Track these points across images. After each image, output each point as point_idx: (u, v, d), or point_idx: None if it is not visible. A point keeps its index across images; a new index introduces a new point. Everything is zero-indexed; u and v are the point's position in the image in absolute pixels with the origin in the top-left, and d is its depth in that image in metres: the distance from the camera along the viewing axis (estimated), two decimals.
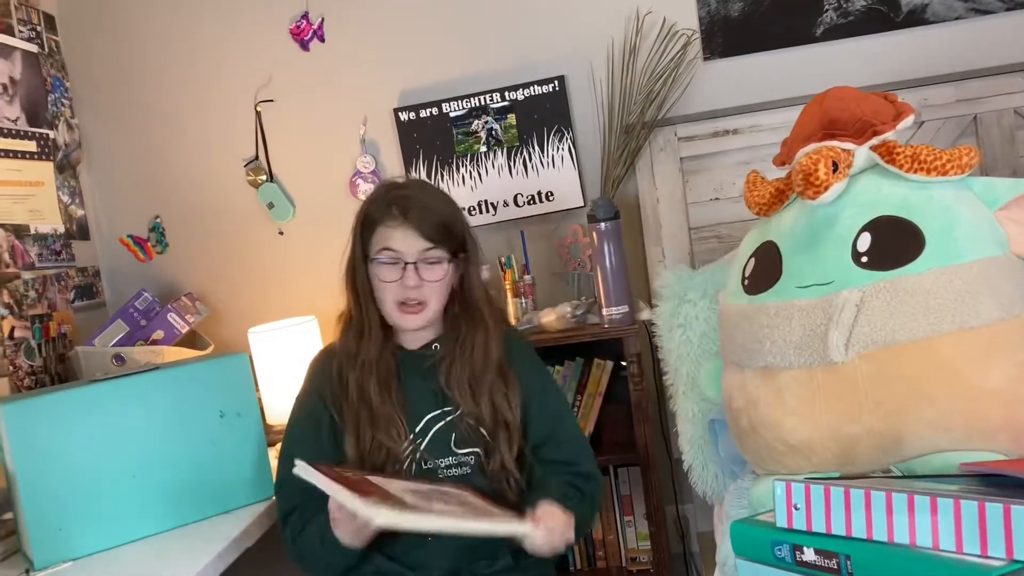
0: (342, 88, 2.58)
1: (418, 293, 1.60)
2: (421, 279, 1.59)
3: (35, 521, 1.60)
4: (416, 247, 1.59)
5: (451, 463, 1.62)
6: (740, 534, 1.18)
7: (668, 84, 2.36)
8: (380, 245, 1.60)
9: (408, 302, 1.61)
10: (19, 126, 2.40)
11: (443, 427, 1.63)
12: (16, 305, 2.29)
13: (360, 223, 1.64)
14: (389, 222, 1.59)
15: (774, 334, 1.51)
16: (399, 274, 1.59)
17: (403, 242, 1.59)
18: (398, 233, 1.59)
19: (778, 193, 1.63)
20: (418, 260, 1.59)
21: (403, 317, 1.62)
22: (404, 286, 1.59)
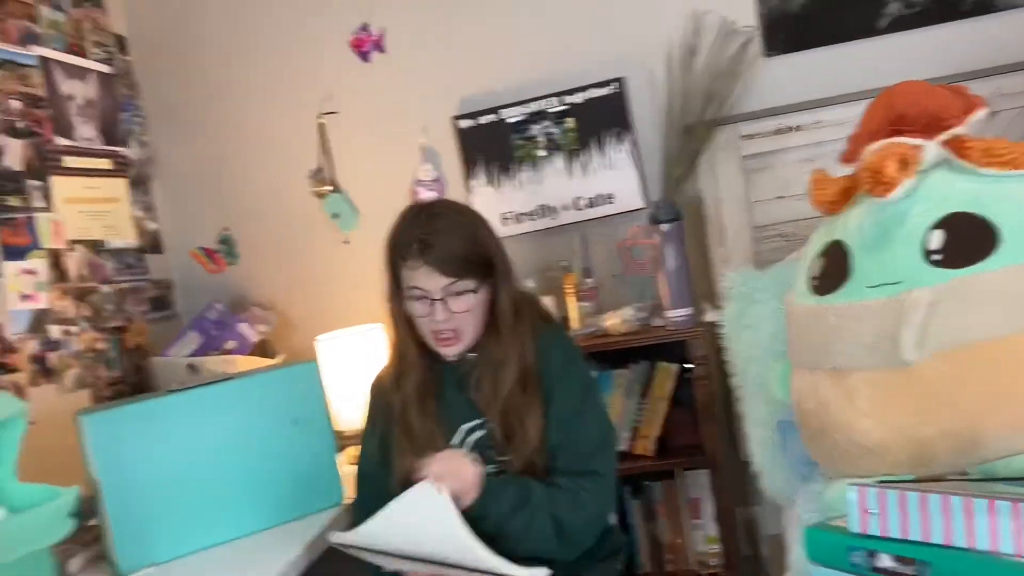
0: (402, 97, 2.61)
1: (449, 325, 1.61)
2: (450, 312, 1.60)
3: (119, 527, 1.66)
4: (440, 284, 1.59)
5: (490, 471, 1.61)
6: (814, 539, 1.16)
7: (729, 82, 2.33)
8: (407, 282, 1.61)
9: (440, 334, 1.62)
10: (95, 145, 2.49)
11: (482, 437, 1.65)
12: (95, 318, 2.37)
13: (389, 258, 1.65)
14: (411, 262, 1.59)
15: (844, 335, 1.49)
16: (428, 309, 1.60)
17: (427, 280, 1.59)
18: (420, 273, 1.59)
19: (845, 191, 1.60)
20: (444, 295, 1.59)
21: (441, 347, 1.65)
22: (434, 320, 1.60)
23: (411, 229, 1.62)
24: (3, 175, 2.11)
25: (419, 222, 1.64)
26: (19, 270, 2.12)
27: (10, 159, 2.14)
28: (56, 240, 2.26)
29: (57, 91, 2.36)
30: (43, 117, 2.28)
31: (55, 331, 2.21)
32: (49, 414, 2.05)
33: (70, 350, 2.25)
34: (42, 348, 2.15)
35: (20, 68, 2.22)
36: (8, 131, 2.15)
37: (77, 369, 2.26)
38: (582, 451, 1.63)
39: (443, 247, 1.59)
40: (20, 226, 2.14)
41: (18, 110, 2.19)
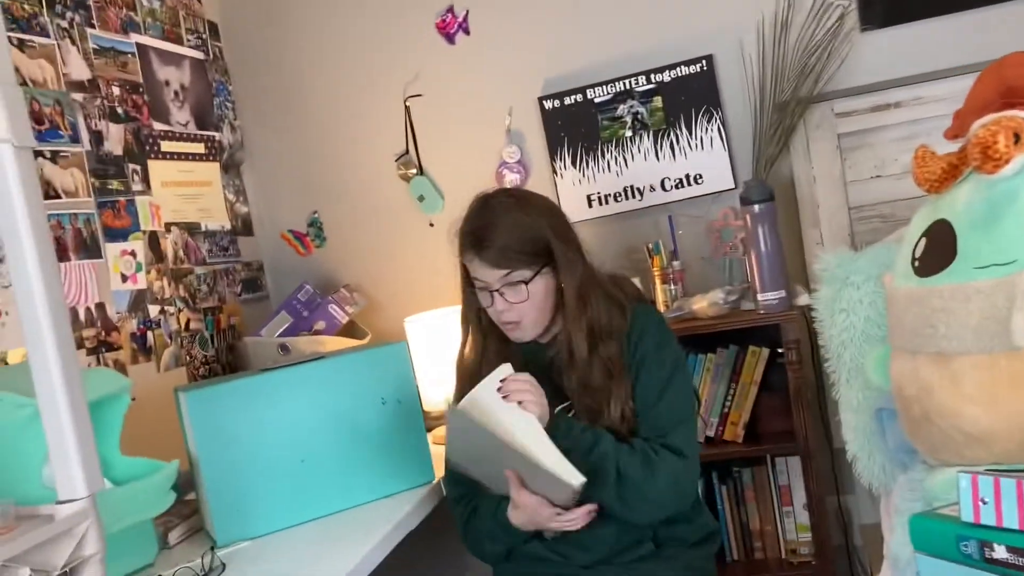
0: (487, 79, 2.61)
1: (510, 315, 1.64)
2: (507, 302, 1.63)
3: (217, 502, 1.71)
4: (494, 276, 1.62)
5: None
6: (921, 528, 1.12)
7: (823, 58, 2.27)
8: (471, 274, 1.67)
9: (505, 323, 1.66)
10: (189, 129, 2.55)
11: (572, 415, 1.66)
12: (191, 298, 2.44)
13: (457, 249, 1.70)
14: (467, 256, 1.65)
15: (949, 318, 1.43)
16: (489, 300, 1.65)
17: (482, 272, 1.63)
18: (475, 265, 1.64)
19: (951, 168, 1.53)
20: (500, 286, 1.62)
21: (510, 334, 1.69)
22: (495, 310, 1.65)
23: (466, 223, 1.68)
24: (105, 159, 2.18)
25: (473, 215, 1.68)
26: (120, 251, 2.19)
27: (111, 144, 2.21)
28: (154, 223, 2.33)
29: (154, 77, 2.42)
30: (141, 103, 2.35)
31: (153, 311, 2.28)
32: (147, 391, 2.12)
33: (167, 329, 2.32)
34: (141, 327, 2.23)
35: (120, 55, 2.29)
36: (110, 116, 2.22)
37: (173, 348, 2.34)
38: (662, 423, 1.63)
39: (493, 240, 1.62)
40: (121, 209, 2.21)
41: (118, 96, 2.26)
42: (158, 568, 1.62)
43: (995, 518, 1.01)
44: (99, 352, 2.08)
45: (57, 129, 2.03)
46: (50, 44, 2.05)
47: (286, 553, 1.64)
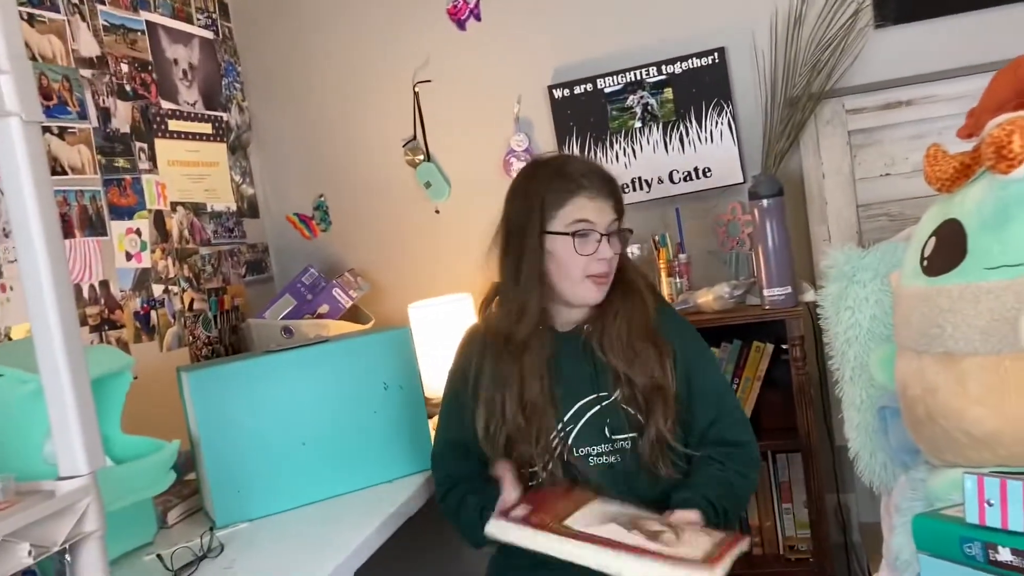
0: (497, 67, 2.60)
1: (608, 265, 1.58)
2: (612, 250, 1.58)
3: (217, 483, 1.71)
4: (608, 219, 1.58)
5: (603, 450, 1.58)
6: (924, 528, 1.12)
7: (836, 54, 2.25)
8: (574, 217, 1.56)
9: (599, 276, 1.58)
10: (197, 109, 2.54)
11: (598, 412, 1.60)
12: (195, 279, 2.44)
13: (540, 198, 1.57)
14: (586, 194, 1.56)
15: (957, 318, 1.42)
16: (595, 246, 1.56)
17: (599, 214, 1.57)
18: (594, 205, 1.56)
19: (963, 167, 1.52)
20: (609, 232, 1.58)
21: (592, 288, 1.58)
22: (598, 259, 1.56)
23: (583, 162, 1.65)
24: (112, 136, 2.17)
25: (576, 161, 1.67)
26: (125, 230, 2.18)
27: (119, 121, 2.20)
28: (160, 202, 2.32)
29: (163, 55, 2.41)
30: (149, 81, 2.34)
31: (157, 290, 2.28)
32: (149, 370, 2.12)
33: (171, 309, 2.32)
34: (145, 306, 2.22)
35: (130, 33, 2.28)
36: (117, 93, 2.21)
37: (176, 328, 2.33)
38: (736, 422, 1.63)
39: (611, 182, 1.60)
40: (127, 187, 2.21)
41: (126, 73, 2.25)
42: (157, 547, 1.62)
43: (1001, 520, 1.00)
44: (102, 330, 2.07)
45: (65, 105, 2.03)
46: (60, 19, 2.04)
47: (285, 536, 1.64)
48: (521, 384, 1.58)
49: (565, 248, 1.56)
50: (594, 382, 1.60)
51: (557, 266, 1.58)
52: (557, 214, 1.56)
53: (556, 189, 1.57)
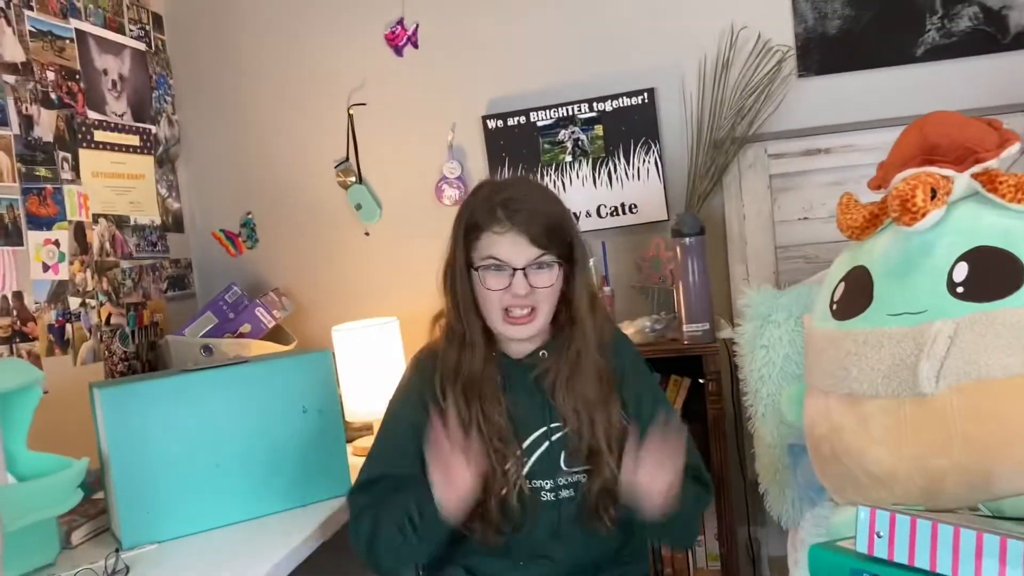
0: (433, 94, 2.61)
1: (528, 300, 1.51)
2: (531, 286, 1.50)
3: (125, 503, 1.67)
4: (525, 254, 1.50)
5: (560, 484, 1.55)
6: (818, 559, 1.16)
7: (760, 100, 2.33)
8: (486, 252, 1.51)
9: (515, 310, 1.52)
10: (125, 120, 2.50)
11: (553, 443, 1.56)
12: (114, 292, 2.39)
13: (463, 228, 1.54)
14: (496, 228, 1.50)
15: (861, 361, 1.48)
16: (507, 281, 1.50)
17: (511, 249, 1.50)
18: (505, 240, 1.49)
19: (872, 217, 1.59)
20: (527, 266, 1.50)
21: (510, 328, 1.54)
22: (513, 294, 1.50)
23: (497, 194, 1.53)
24: (34, 145, 2.13)
25: (506, 189, 1.56)
26: (43, 240, 2.13)
27: (42, 130, 2.15)
28: (81, 213, 2.27)
29: (91, 65, 2.37)
30: (76, 90, 2.30)
31: (74, 303, 2.22)
32: (61, 385, 2.06)
33: (87, 323, 2.26)
34: (60, 319, 2.17)
35: (58, 40, 2.24)
36: (42, 101, 2.16)
37: (92, 342, 2.28)
38: (693, 455, 1.58)
39: (532, 213, 1.50)
40: (47, 196, 2.15)
41: (52, 81, 2.21)
42: (59, 568, 1.58)
43: (888, 552, 1.05)
44: (12, 342, 2.01)
45: None
46: None
47: (193, 559, 1.61)
48: (473, 420, 1.52)
49: (478, 282, 1.53)
50: (545, 412, 1.57)
51: (479, 300, 1.54)
52: (475, 247, 1.53)
53: (473, 222, 1.53)
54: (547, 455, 1.55)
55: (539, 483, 1.55)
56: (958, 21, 2.26)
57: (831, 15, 2.33)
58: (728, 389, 2.27)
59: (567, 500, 1.55)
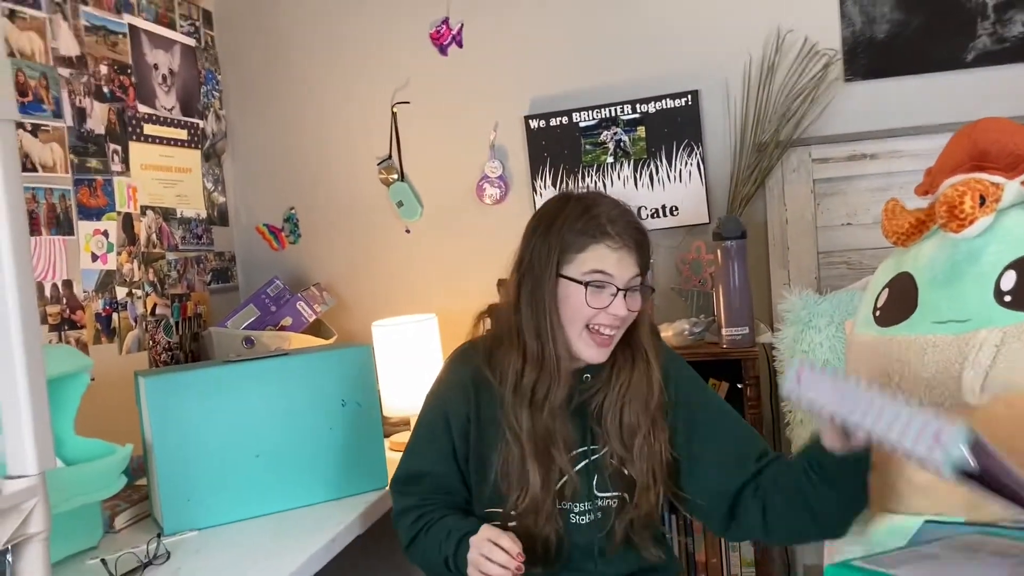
0: (476, 93, 2.63)
1: (621, 323, 1.46)
2: (627, 309, 1.45)
3: (167, 490, 1.70)
4: (629, 273, 1.45)
5: (586, 508, 1.52)
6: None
7: (806, 104, 2.31)
8: (591, 267, 1.43)
9: (605, 330, 1.45)
10: (174, 115, 2.55)
11: (587, 466, 1.52)
12: (159, 283, 2.43)
13: (560, 237, 1.45)
14: (609, 242, 1.43)
15: (904, 369, 1.47)
16: (608, 300, 1.44)
17: (619, 266, 1.44)
18: (615, 256, 1.43)
19: (918, 223, 1.58)
20: (628, 287, 1.45)
21: (590, 348, 1.47)
22: (609, 313, 1.44)
23: (615, 208, 1.47)
24: (86, 137, 2.17)
25: (605, 203, 1.48)
26: (93, 230, 2.17)
27: (94, 122, 2.20)
28: (130, 205, 2.32)
29: (143, 59, 2.42)
30: (127, 84, 2.34)
31: (120, 293, 2.26)
32: (107, 373, 2.11)
33: (133, 312, 2.31)
34: (107, 308, 2.21)
35: (111, 35, 2.28)
36: (95, 94, 2.21)
37: (137, 332, 2.32)
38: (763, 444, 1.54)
39: (639, 234, 1.47)
40: (98, 188, 2.20)
41: (105, 75, 2.25)
42: (101, 552, 1.61)
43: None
44: (62, 329, 2.06)
45: (40, 103, 2.02)
46: (41, 17, 2.04)
47: (232, 547, 1.64)
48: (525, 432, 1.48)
49: (576, 296, 1.44)
50: (584, 434, 1.53)
51: (564, 312, 1.46)
52: (576, 258, 1.45)
53: (578, 231, 1.44)
54: (580, 477, 1.51)
55: (568, 505, 1.52)
56: (1010, 26, 2.23)
57: (879, 19, 2.30)
58: (767, 394, 2.26)
59: (594, 523, 1.52)
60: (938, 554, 1.22)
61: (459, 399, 1.56)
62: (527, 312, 1.48)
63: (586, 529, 1.52)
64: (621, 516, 1.51)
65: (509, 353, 1.51)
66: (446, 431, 1.56)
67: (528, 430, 1.48)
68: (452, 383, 1.59)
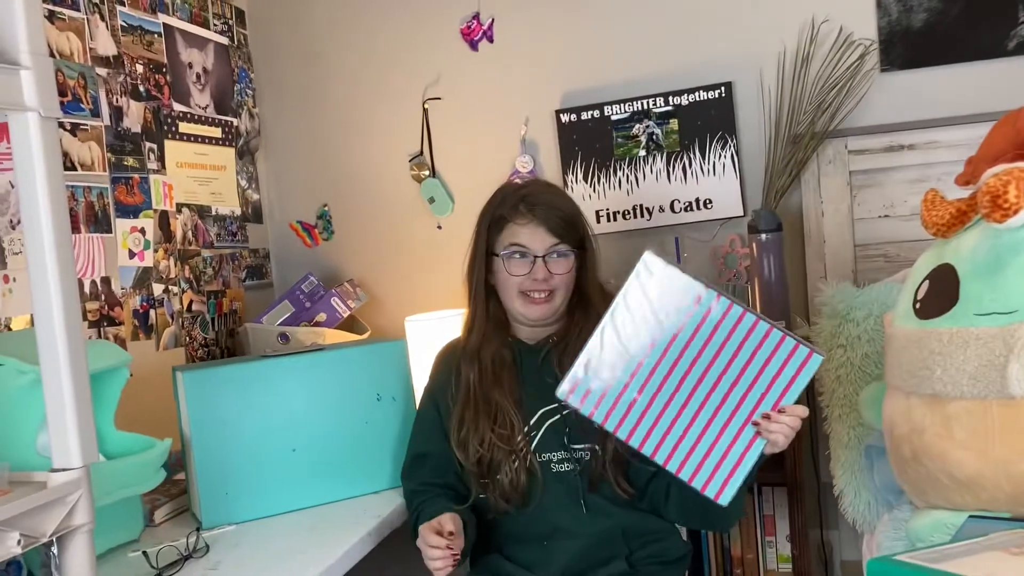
0: (506, 88, 2.62)
1: (546, 284, 1.68)
2: (549, 272, 1.68)
3: (205, 484, 1.72)
4: (544, 242, 1.68)
5: (563, 457, 1.66)
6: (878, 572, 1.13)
7: (841, 95, 2.28)
8: (508, 241, 1.70)
9: (533, 293, 1.68)
10: (208, 113, 2.57)
11: (557, 421, 1.67)
12: (195, 280, 2.46)
13: (487, 222, 1.74)
14: (519, 219, 1.69)
15: (946, 361, 1.45)
16: (528, 268, 1.68)
17: (531, 237, 1.68)
18: (526, 230, 1.68)
19: (959, 214, 1.55)
20: (546, 254, 1.68)
21: (528, 307, 1.70)
22: (532, 278, 1.67)
23: (518, 190, 1.74)
24: (123, 135, 2.20)
25: (531, 183, 1.81)
26: (130, 228, 2.20)
27: (130, 121, 2.23)
28: (166, 202, 2.34)
29: (177, 58, 2.44)
30: (163, 82, 2.37)
31: (157, 289, 2.29)
32: (145, 369, 2.13)
33: (169, 309, 2.33)
34: (144, 304, 2.24)
35: (147, 34, 2.31)
36: (131, 93, 2.23)
37: (174, 328, 2.35)
38: None
39: (550, 207, 1.70)
40: (134, 186, 2.23)
41: (141, 74, 2.28)
42: (142, 544, 1.63)
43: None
44: (101, 325, 2.09)
45: (79, 102, 2.05)
46: (80, 17, 2.07)
47: (270, 540, 1.65)
48: (485, 396, 1.69)
49: (502, 269, 1.70)
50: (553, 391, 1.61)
51: (499, 285, 1.73)
52: (498, 237, 1.72)
53: (500, 213, 1.72)
54: (554, 431, 1.67)
55: (548, 456, 1.67)
56: None
57: (916, 8, 2.27)
58: None
59: (575, 472, 1.65)
60: (982, 549, 1.20)
61: (443, 382, 1.77)
62: (471, 286, 1.77)
63: (566, 477, 1.65)
64: (594, 463, 1.65)
65: (471, 333, 1.77)
66: (437, 415, 1.77)
67: (475, 386, 1.70)
68: (438, 372, 1.83)
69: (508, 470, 1.65)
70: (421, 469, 1.76)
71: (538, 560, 1.65)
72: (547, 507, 1.65)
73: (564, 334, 1.73)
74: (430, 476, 1.74)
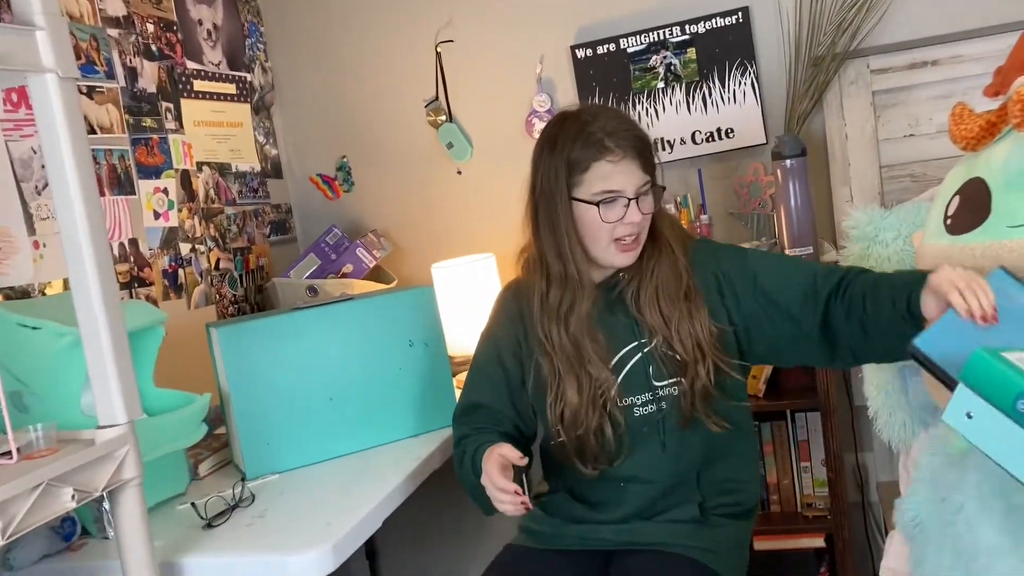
0: (519, 27, 2.59)
1: (636, 227, 1.52)
2: (641, 213, 1.51)
3: (246, 436, 1.75)
4: (636, 182, 1.50)
5: (648, 399, 1.56)
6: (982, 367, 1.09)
7: (862, 13, 2.23)
8: (600, 186, 1.49)
9: (627, 238, 1.52)
10: (221, 69, 2.56)
11: (640, 360, 1.56)
12: (221, 238, 2.47)
13: (565, 161, 1.51)
14: (609, 157, 1.48)
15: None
16: (622, 212, 1.50)
17: (626, 179, 1.49)
18: (619, 169, 1.49)
19: (989, 126, 1.52)
20: (637, 195, 1.50)
21: (620, 255, 1.54)
22: (625, 223, 1.51)
23: (595, 124, 1.51)
24: (140, 96, 2.20)
25: (612, 115, 1.55)
26: (153, 189, 2.21)
27: (145, 81, 2.22)
28: (186, 161, 2.35)
29: (187, 16, 2.42)
30: (174, 41, 2.36)
31: (184, 249, 2.31)
32: (177, 327, 2.15)
33: (197, 268, 2.35)
34: (172, 264, 2.26)
35: None
36: (144, 53, 2.23)
37: (203, 286, 2.37)
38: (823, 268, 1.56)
39: (638, 140, 1.52)
40: (154, 146, 2.23)
41: (152, 33, 2.26)
42: (190, 497, 1.67)
43: None
44: (132, 287, 2.11)
45: (93, 64, 2.05)
46: None
47: (313, 487, 1.68)
48: (575, 347, 1.55)
49: (591, 216, 1.51)
50: (631, 329, 1.58)
51: (585, 231, 1.53)
52: (583, 179, 1.50)
53: (579, 152, 1.50)
54: (636, 370, 1.57)
55: (631, 399, 1.56)
56: None
57: None
58: None
59: (659, 413, 1.56)
60: None
61: (507, 330, 1.66)
62: (546, 234, 1.56)
63: (648, 420, 1.56)
64: (683, 399, 1.55)
65: (553, 288, 1.58)
66: (499, 365, 1.65)
67: (559, 344, 1.56)
68: (499, 318, 1.70)
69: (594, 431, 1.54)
70: (475, 415, 1.66)
71: (610, 501, 1.59)
72: (627, 455, 1.56)
73: (636, 270, 1.57)
74: (483, 422, 1.64)
